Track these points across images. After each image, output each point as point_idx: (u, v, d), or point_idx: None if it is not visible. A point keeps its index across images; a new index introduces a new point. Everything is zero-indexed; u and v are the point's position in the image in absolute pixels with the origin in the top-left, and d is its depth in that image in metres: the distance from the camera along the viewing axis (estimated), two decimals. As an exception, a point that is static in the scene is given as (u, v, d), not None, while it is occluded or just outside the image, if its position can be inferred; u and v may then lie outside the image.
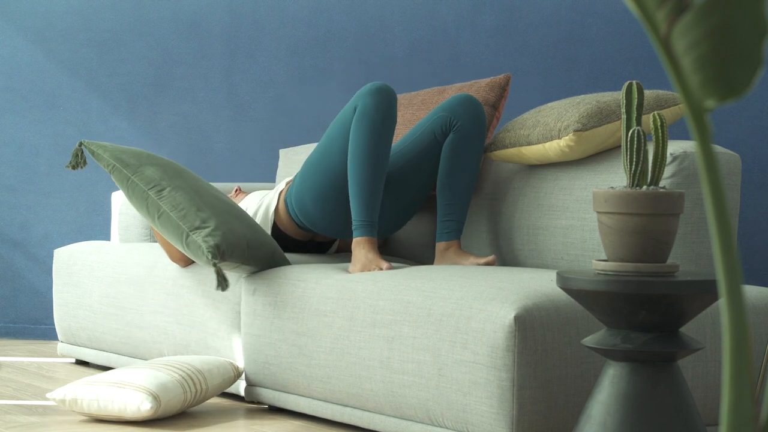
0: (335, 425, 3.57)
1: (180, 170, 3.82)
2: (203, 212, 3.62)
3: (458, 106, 3.82)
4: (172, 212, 3.62)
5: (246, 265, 3.65)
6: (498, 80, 4.10)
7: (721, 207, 1.00)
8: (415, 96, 4.28)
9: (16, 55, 5.38)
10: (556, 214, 3.67)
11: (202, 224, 3.58)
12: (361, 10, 5.24)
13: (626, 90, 2.65)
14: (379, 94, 3.70)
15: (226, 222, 3.62)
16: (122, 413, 3.47)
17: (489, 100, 4.06)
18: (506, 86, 4.09)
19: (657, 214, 2.57)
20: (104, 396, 3.48)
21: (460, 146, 3.81)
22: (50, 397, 3.53)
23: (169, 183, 3.71)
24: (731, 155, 3.46)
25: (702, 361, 3.18)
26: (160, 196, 3.67)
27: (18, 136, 5.40)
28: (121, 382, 3.50)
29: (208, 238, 3.55)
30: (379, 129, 3.68)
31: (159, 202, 3.65)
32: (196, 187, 3.74)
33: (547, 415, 2.95)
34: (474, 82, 4.14)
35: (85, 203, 5.39)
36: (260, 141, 5.35)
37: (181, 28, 5.34)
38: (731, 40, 0.98)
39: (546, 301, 2.98)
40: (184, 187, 3.71)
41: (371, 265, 3.56)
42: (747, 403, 1.01)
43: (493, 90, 4.07)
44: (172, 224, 3.62)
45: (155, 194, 3.67)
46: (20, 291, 5.40)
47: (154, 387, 3.48)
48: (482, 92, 4.07)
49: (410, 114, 4.22)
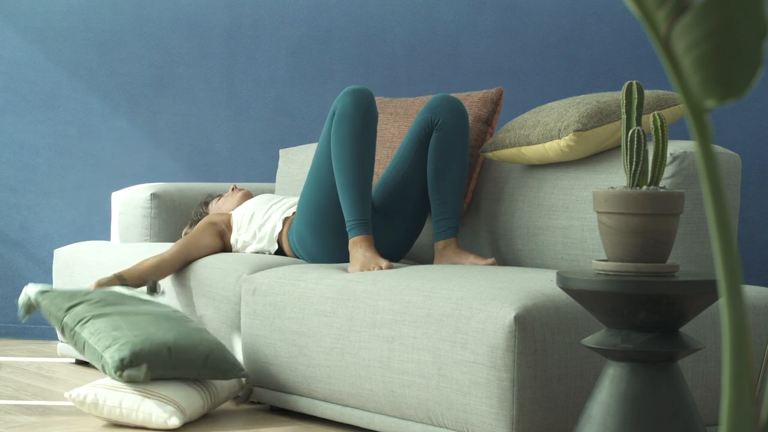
0: (335, 425, 3.57)
1: (120, 297, 3.75)
2: (118, 331, 3.56)
3: (438, 105, 3.83)
4: (90, 339, 3.59)
5: (171, 370, 3.51)
6: (490, 94, 4.07)
7: (721, 207, 1.00)
8: (409, 106, 4.24)
9: (16, 55, 5.38)
10: (556, 214, 3.67)
11: (113, 342, 3.52)
12: (361, 10, 5.24)
13: (626, 90, 2.65)
14: (354, 93, 3.71)
15: (143, 333, 3.53)
16: (146, 423, 3.42)
17: (481, 116, 4.04)
18: (499, 101, 4.06)
19: (657, 214, 2.57)
20: (128, 404, 3.43)
21: (444, 144, 3.80)
22: (68, 397, 3.47)
23: (93, 312, 3.66)
24: (731, 155, 3.46)
25: (702, 361, 3.18)
26: (83, 328, 3.63)
27: (18, 136, 5.40)
28: (145, 390, 3.46)
29: (114, 353, 3.49)
30: (360, 124, 3.68)
31: (81, 334, 3.62)
32: (125, 311, 3.67)
33: (547, 415, 2.95)
34: (467, 95, 4.13)
35: (85, 203, 5.39)
36: (260, 141, 5.35)
37: (181, 28, 5.34)
38: (731, 40, 0.98)
39: (546, 301, 2.98)
40: (109, 312, 3.65)
41: (370, 264, 3.56)
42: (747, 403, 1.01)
43: (486, 105, 4.05)
44: (91, 350, 3.57)
45: (79, 328, 3.64)
46: (20, 291, 5.40)
47: (180, 398, 3.45)
48: (474, 107, 4.06)
49: (403, 125, 4.19)
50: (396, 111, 4.26)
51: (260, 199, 4.30)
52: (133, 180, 5.36)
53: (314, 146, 4.76)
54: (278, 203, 4.22)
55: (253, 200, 4.29)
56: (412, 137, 3.88)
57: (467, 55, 5.14)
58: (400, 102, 4.30)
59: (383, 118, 4.26)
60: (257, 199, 4.29)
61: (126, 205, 4.74)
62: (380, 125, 4.24)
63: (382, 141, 4.21)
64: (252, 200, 4.30)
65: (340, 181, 3.68)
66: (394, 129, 4.21)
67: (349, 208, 3.66)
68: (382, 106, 4.32)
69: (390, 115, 4.26)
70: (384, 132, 4.22)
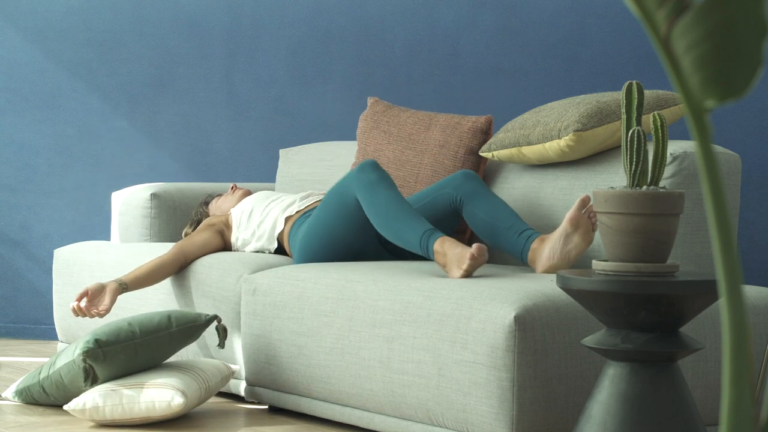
0: (335, 425, 3.57)
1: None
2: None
3: (460, 183, 3.73)
4: (60, 363, 3.65)
5: (139, 340, 3.55)
6: (479, 124, 4.03)
7: (721, 207, 1.00)
8: (402, 125, 4.21)
9: (16, 55, 5.38)
10: (556, 214, 3.67)
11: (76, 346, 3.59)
12: (361, 10, 5.24)
13: (626, 90, 2.65)
14: (368, 165, 3.67)
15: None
16: (150, 412, 3.44)
17: (473, 147, 4.02)
18: (488, 130, 4.04)
19: (657, 214, 2.57)
20: (128, 398, 3.45)
21: (479, 205, 3.68)
22: (67, 408, 3.47)
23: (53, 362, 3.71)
24: (731, 155, 3.46)
25: (702, 361, 3.18)
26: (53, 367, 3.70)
27: (18, 136, 5.40)
28: (140, 383, 3.49)
29: (80, 346, 3.53)
30: (385, 177, 3.65)
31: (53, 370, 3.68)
32: None
33: (547, 415, 2.95)
34: (457, 123, 4.07)
35: (85, 203, 5.39)
36: (260, 141, 5.35)
37: (181, 28, 5.35)
38: (731, 40, 0.98)
39: (546, 301, 2.98)
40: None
41: (463, 260, 3.32)
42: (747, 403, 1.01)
43: (476, 137, 4.02)
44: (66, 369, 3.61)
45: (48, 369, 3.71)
46: (20, 291, 5.40)
47: (176, 383, 3.47)
48: (465, 139, 4.03)
49: (398, 150, 4.17)
50: (389, 129, 4.23)
51: (258, 196, 4.30)
52: (133, 180, 5.36)
53: (314, 146, 4.77)
54: (277, 200, 4.23)
55: (252, 197, 4.30)
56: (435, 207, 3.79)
57: (467, 55, 5.14)
58: (393, 115, 4.26)
59: (377, 135, 4.24)
60: (255, 197, 4.30)
61: (126, 205, 4.74)
62: (375, 143, 4.23)
63: (379, 162, 4.19)
64: (250, 197, 4.31)
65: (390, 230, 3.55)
66: (389, 152, 4.19)
67: (412, 231, 3.51)
68: (376, 115, 4.30)
69: (384, 133, 4.24)
70: (379, 155, 4.20)
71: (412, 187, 4.09)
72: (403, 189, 4.11)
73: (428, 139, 4.11)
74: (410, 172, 4.11)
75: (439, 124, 4.12)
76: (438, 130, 4.10)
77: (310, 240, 3.85)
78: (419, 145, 4.12)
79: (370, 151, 4.24)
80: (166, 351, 3.62)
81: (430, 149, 4.09)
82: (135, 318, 3.61)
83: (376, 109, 4.33)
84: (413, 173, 4.10)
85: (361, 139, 4.30)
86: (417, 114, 4.22)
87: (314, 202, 4.17)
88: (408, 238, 3.49)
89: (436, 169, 4.05)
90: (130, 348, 3.53)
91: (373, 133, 4.27)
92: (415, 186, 4.08)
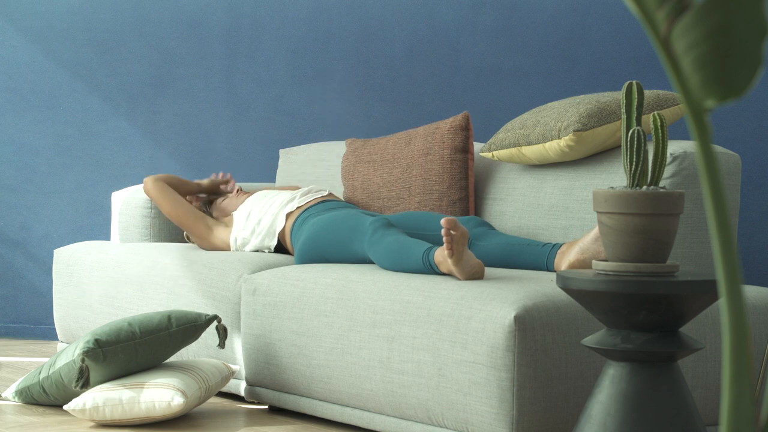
0: (335, 425, 3.57)
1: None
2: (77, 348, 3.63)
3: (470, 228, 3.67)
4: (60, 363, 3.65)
5: (140, 340, 3.56)
6: (458, 122, 4.02)
7: (721, 207, 1.00)
8: (384, 150, 4.19)
9: (16, 55, 5.38)
10: (556, 214, 3.67)
11: (76, 347, 3.59)
12: (361, 10, 5.24)
13: (626, 90, 2.65)
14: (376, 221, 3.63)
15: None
16: (150, 412, 3.45)
17: (457, 146, 4.01)
18: (468, 126, 4.02)
19: (657, 214, 2.57)
20: (128, 398, 3.45)
21: (491, 239, 3.61)
22: (67, 408, 3.47)
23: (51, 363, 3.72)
24: (731, 155, 3.46)
25: (702, 361, 3.18)
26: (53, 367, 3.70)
27: (18, 136, 5.40)
28: (140, 383, 3.49)
29: (80, 346, 3.53)
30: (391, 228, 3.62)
31: (53, 370, 3.67)
32: None
33: (547, 415, 2.95)
34: (436, 128, 4.06)
35: (85, 203, 5.39)
36: (260, 141, 5.35)
37: (181, 28, 5.35)
38: (731, 40, 0.98)
39: (546, 301, 2.98)
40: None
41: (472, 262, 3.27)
42: (747, 403, 1.01)
43: (457, 134, 4.01)
44: (66, 369, 3.61)
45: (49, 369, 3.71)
46: (20, 291, 5.40)
47: (176, 383, 3.47)
48: (447, 139, 4.01)
49: (385, 173, 4.15)
50: (372, 158, 4.22)
51: (256, 196, 4.30)
52: (133, 180, 5.36)
53: (314, 146, 4.77)
54: (275, 197, 4.23)
55: (250, 199, 4.30)
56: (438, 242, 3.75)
57: (467, 55, 5.14)
58: (372, 145, 4.25)
59: (362, 168, 4.22)
60: (254, 197, 4.30)
61: (126, 205, 4.74)
62: (362, 176, 4.21)
63: (369, 192, 4.18)
64: (249, 199, 4.31)
65: (397, 263, 3.48)
66: (377, 178, 4.18)
67: (413, 257, 3.43)
68: (356, 151, 4.29)
69: (368, 163, 4.22)
70: (369, 183, 4.18)
71: (406, 201, 4.07)
72: (398, 206, 4.09)
73: (411, 152, 4.09)
74: (402, 187, 4.09)
75: (419, 135, 4.11)
76: (419, 141, 4.09)
77: (312, 248, 3.85)
78: (404, 160, 4.11)
79: (358, 185, 4.22)
80: (166, 351, 3.62)
81: (415, 161, 4.07)
82: (135, 318, 3.62)
83: (355, 146, 4.32)
84: (405, 188, 4.08)
85: (347, 177, 4.27)
86: (395, 136, 4.22)
87: (314, 198, 4.17)
88: (413, 264, 3.42)
89: (427, 176, 4.03)
90: (130, 348, 3.53)
91: (358, 167, 4.25)
92: (409, 199, 4.06)
